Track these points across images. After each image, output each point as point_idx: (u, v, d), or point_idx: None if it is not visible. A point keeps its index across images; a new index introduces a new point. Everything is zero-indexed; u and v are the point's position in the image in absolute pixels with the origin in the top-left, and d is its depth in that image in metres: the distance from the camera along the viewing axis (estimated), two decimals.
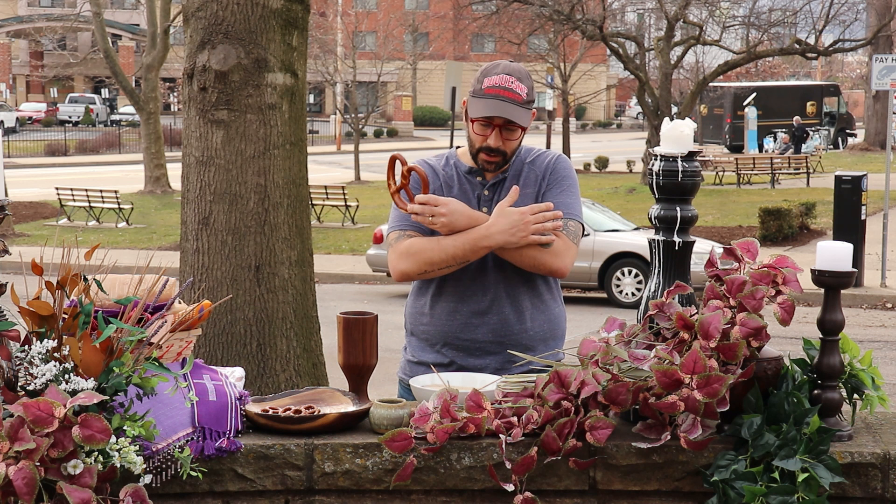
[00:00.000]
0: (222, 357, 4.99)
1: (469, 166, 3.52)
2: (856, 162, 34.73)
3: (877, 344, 12.26)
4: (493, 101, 3.38)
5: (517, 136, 3.43)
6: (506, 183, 3.49)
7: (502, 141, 3.41)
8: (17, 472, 2.41)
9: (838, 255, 2.85)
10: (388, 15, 46.65)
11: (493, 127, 3.40)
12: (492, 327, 3.45)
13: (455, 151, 3.59)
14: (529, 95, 3.42)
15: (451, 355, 3.46)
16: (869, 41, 30.23)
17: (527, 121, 3.40)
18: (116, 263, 2.99)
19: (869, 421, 3.04)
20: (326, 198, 23.68)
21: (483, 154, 3.44)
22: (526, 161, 3.54)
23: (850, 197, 15.59)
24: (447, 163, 3.56)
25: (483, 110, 3.38)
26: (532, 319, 3.48)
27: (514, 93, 3.38)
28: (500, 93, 3.38)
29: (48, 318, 2.67)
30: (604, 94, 60.68)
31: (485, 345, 3.45)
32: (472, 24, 37.24)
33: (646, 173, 9.18)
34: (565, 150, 37.71)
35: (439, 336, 3.49)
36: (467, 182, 3.51)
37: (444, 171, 3.53)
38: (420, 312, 3.54)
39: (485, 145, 3.42)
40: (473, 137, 3.44)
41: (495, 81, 3.40)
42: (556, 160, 3.53)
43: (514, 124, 3.39)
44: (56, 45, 49.62)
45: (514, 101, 3.38)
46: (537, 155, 3.56)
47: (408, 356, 3.60)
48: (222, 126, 4.99)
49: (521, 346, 3.43)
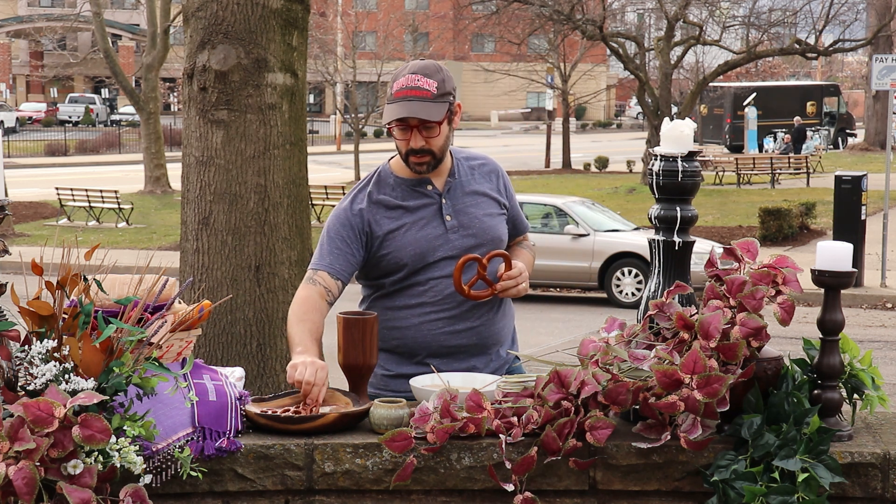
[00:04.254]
0: (222, 357, 4.99)
1: (414, 178, 3.45)
2: (856, 162, 34.72)
3: (877, 344, 12.26)
4: (401, 103, 3.33)
5: (437, 132, 3.37)
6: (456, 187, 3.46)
7: (424, 140, 3.35)
8: (17, 472, 2.41)
9: (838, 255, 2.85)
10: (388, 15, 46.64)
11: (410, 129, 3.35)
12: (475, 330, 3.44)
13: (388, 167, 3.50)
14: (441, 88, 3.35)
15: (435, 363, 3.37)
16: (869, 41, 30.22)
17: (439, 115, 3.33)
18: (116, 263, 2.98)
19: (869, 421, 3.04)
20: (326, 198, 23.69)
21: (412, 157, 3.38)
22: (462, 159, 3.53)
23: (850, 197, 15.59)
24: (384, 182, 3.46)
25: (393, 114, 3.33)
26: (503, 319, 3.52)
27: (422, 90, 3.33)
28: (407, 94, 3.33)
29: (48, 318, 2.67)
30: (604, 94, 60.68)
31: (469, 348, 3.43)
32: (472, 24, 37.25)
33: (646, 173, 9.18)
34: (565, 150, 37.75)
35: (420, 347, 3.42)
36: (421, 195, 3.44)
37: (391, 193, 3.44)
38: (391, 327, 3.42)
39: (409, 148, 3.37)
40: (398, 143, 3.40)
41: (402, 83, 3.35)
42: (501, 169, 3.59)
43: (429, 122, 3.34)
44: (56, 45, 49.60)
45: (423, 98, 3.32)
46: (473, 156, 3.57)
47: (378, 370, 3.43)
48: (222, 126, 4.99)
49: (497, 344, 3.48)
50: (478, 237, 3.43)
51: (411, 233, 3.40)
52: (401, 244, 3.39)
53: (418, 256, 3.39)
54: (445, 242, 3.41)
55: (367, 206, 3.42)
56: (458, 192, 3.47)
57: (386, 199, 3.43)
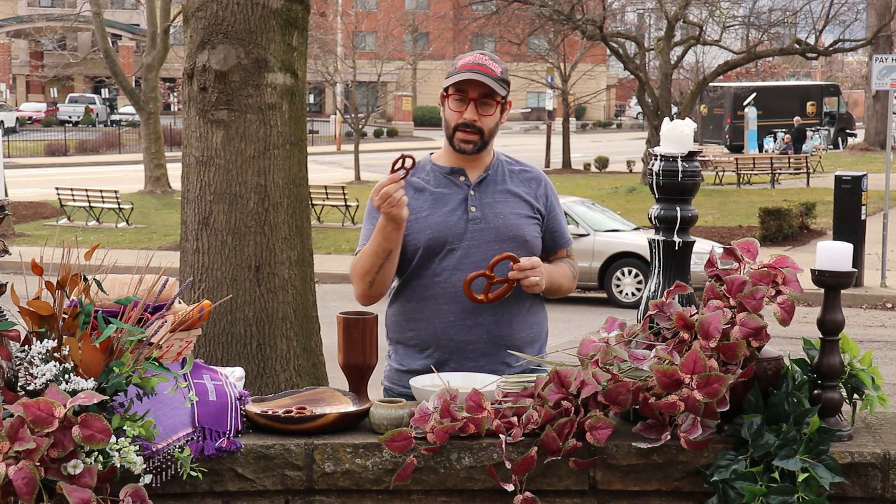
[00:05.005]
0: (222, 357, 4.98)
1: (450, 167, 3.50)
2: (856, 162, 34.72)
3: (877, 344, 12.26)
4: (467, 72, 3.39)
5: (493, 111, 3.43)
6: (489, 182, 3.48)
7: (478, 115, 3.40)
8: (17, 472, 2.41)
9: (838, 255, 2.85)
10: (388, 15, 46.65)
11: (468, 101, 3.40)
12: (486, 327, 3.43)
13: (429, 157, 3.58)
14: (503, 75, 3.44)
15: (445, 359, 3.41)
16: (869, 41, 30.22)
17: (501, 91, 3.41)
18: (116, 263, 2.98)
19: (869, 421, 3.04)
20: (326, 198, 23.69)
21: (460, 132, 3.42)
22: (505, 161, 3.56)
23: (850, 197, 15.59)
24: (421, 168, 3.52)
25: (457, 78, 3.39)
26: (523, 321, 3.49)
27: (489, 68, 3.41)
28: (474, 67, 3.40)
29: (48, 318, 2.67)
30: (604, 94, 60.69)
31: (479, 346, 3.43)
32: (472, 24, 37.21)
33: (646, 173, 9.18)
34: (565, 150, 37.77)
35: (431, 339, 3.45)
36: (451, 183, 3.49)
37: (423, 178, 3.50)
38: (407, 318, 3.50)
39: (461, 121, 3.41)
40: (449, 115, 3.44)
41: (469, 59, 3.44)
42: (547, 181, 3.60)
43: (490, 98, 3.39)
44: (56, 45, 49.60)
45: (488, 75, 3.39)
46: (519, 163, 3.60)
47: (394, 364, 3.54)
48: (222, 126, 4.98)
49: (513, 347, 3.43)
50: (498, 232, 3.43)
51: (432, 217, 3.43)
52: (420, 227, 3.43)
53: (434, 241, 3.41)
54: (464, 232, 3.42)
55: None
56: (490, 187, 3.49)
57: (416, 182, 3.48)
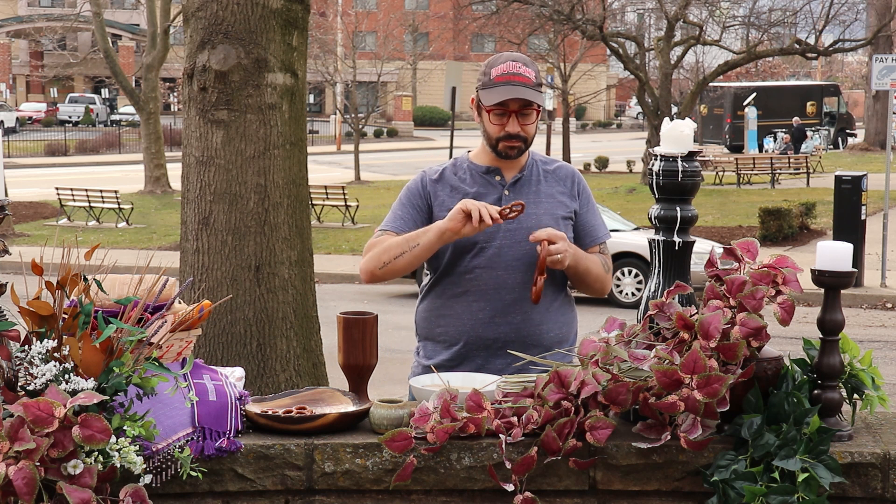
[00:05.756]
0: (222, 357, 4.99)
1: (486, 166, 3.54)
2: (856, 162, 34.72)
3: (877, 344, 12.26)
4: (504, 87, 3.42)
5: (533, 119, 3.47)
6: (524, 183, 3.51)
7: (520, 126, 3.45)
8: (17, 472, 2.41)
9: (838, 255, 2.85)
10: (388, 15, 46.67)
11: (508, 114, 3.43)
12: (515, 326, 3.45)
13: (466, 155, 3.61)
14: (537, 79, 3.47)
15: (473, 355, 3.45)
16: (869, 41, 30.22)
17: (541, 100, 3.45)
18: (116, 263, 2.98)
19: (869, 421, 3.04)
20: (326, 198, 23.68)
21: (503, 143, 3.46)
22: (539, 161, 3.59)
23: (850, 197, 15.59)
24: (458, 166, 3.57)
25: (497, 97, 3.41)
26: (552, 321, 3.51)
27: (524, 76, 3.43)
28: (510, 79, 3.42)
29: (48, 318, 2.67)
30: (604, 94, 60.67)
31: (507, 344, 3.44)
32: (472, 24, 37.22)
33: (646, 173, 9.18)
34: (565, 150, 37.74)
35: (460, 335, 3.48)
36: (487, 183, 3.52)
37: (459, 176, 3.54)
38: (437, 314, 3.53)
39: (504, 133, 3.45)
40: (490, 128, 3.46)
41: (503, 69, 3.44)
42: (579, 176, 3.61)
43: (529, 107, 3.43)
44: (56, 45, 49.59)
45: (525, 84, 3.42)
46: (551, 160, 3.63)
47: (422, 360, 3.58)
48: (222, 126, 4.99)
49: (541, 346, 3.45)
50: (530, 232, 3.43)
51: None
52: None
53: (466, 239, 3.41)
54: (496, 230, 3.44)
55: (436, 180, 3.54)
56: (525, 188, 3.52)
57: (452, 179, 3.53)
